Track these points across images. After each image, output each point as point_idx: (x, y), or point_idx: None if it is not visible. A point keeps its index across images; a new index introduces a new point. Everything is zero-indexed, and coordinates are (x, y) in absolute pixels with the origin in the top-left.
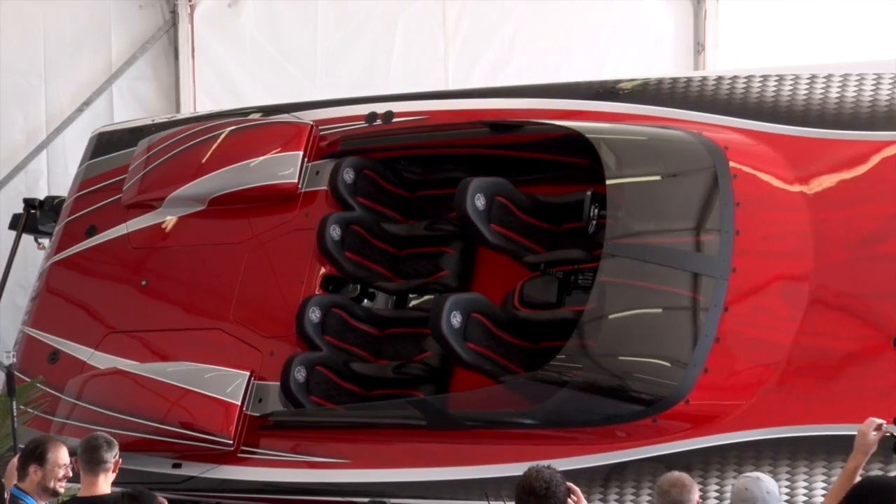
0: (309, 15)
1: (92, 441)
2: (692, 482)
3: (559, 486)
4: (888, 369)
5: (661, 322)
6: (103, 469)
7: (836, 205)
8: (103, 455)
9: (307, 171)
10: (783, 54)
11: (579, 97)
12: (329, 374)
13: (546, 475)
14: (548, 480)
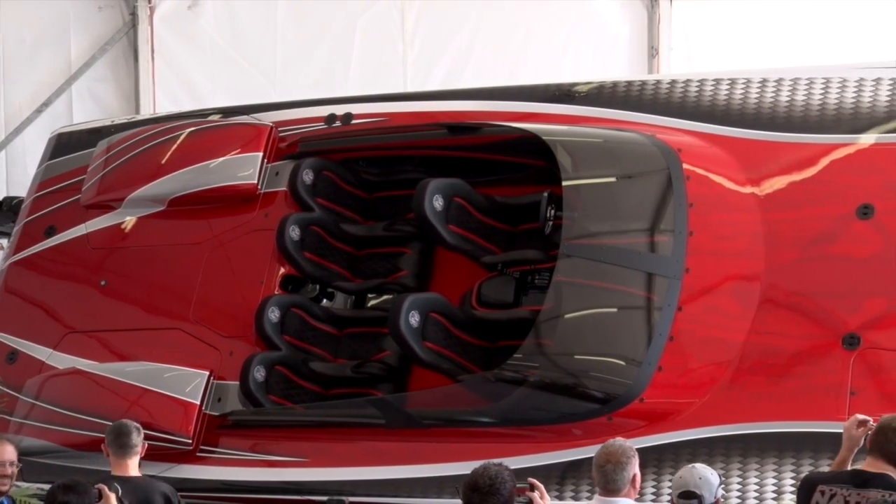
0: (269, 17)
1: (121, 427)
2: (627, 457)
3: (504, 483)
4: (837, 368)
5: (616, 321)
6: (133, 452)
7: (787, 206)
8: (133, 439)
9: (266, 171)
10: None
11: (536, 100)
12: (288, 374)
13: (492, 472)
14: (492, 478)
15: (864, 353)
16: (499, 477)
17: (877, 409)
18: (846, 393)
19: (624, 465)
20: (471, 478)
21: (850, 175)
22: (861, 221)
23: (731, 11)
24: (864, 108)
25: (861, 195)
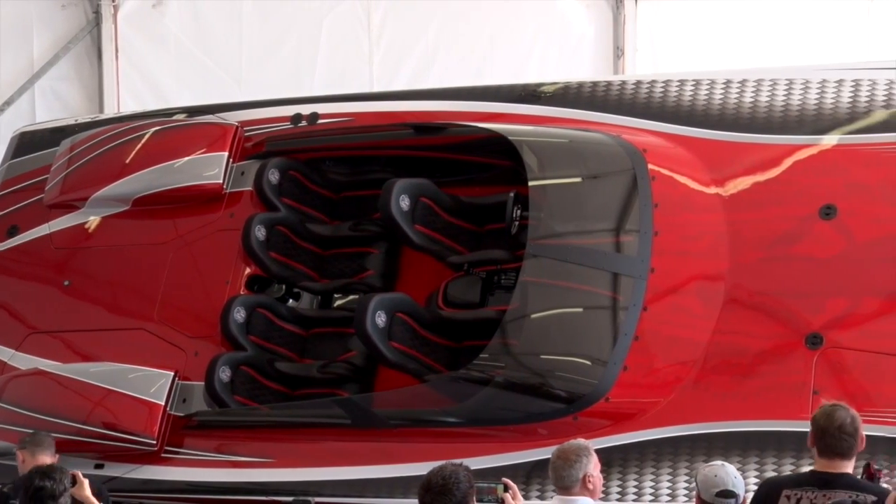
0: (234, 16)
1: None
2: (578, 455)
3: (458, 483)
4: (800, 367)
5: (581, 321)
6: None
7: (751, 206)
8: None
9: (232, 171)
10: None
11: (502, 100)
12: (254, 374)
13: (446, 472)
14: (445, 478)
15: (827, 352)
16: (452, 477)
17: None
18: (809, 392)
19: (573, 462)
20: (426, 477)
21: (814, 176)
22: (824, 222)
23: (696, 12)
24: (826, 109)
25: (824, 196)
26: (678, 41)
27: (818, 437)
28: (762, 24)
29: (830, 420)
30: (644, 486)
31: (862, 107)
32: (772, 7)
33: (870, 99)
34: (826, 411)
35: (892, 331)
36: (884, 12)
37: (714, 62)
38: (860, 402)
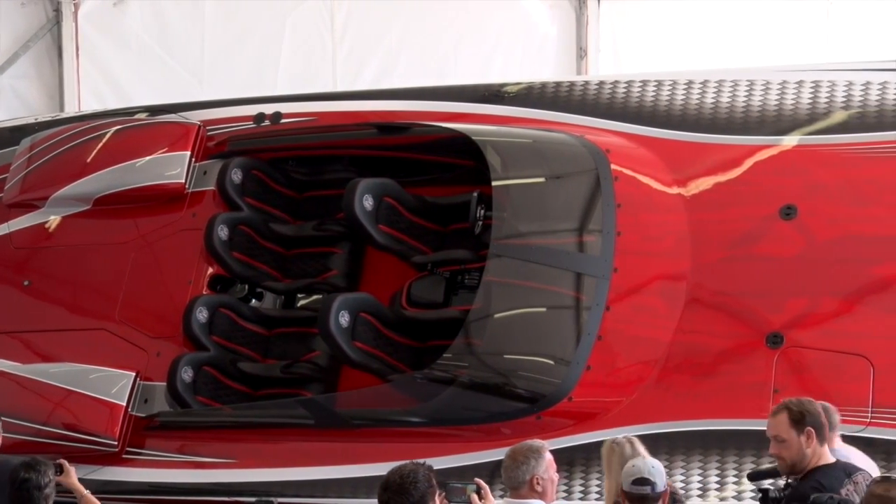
0: (196, 15)
1: None
2: (526, 456)
3: (417, 482)
4: (761, 366)
5: (545, 321)
6: None
7: (712, 206)
8: None
9: (194, 171)
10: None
11: (466, 100)
12: (216, 375)
13: (405, 471)
14: (404, 476)
15: (787, 351)
16: (410, 476)
17: None
18: (770, 391)
19: (520, 463)
20: (385, 476)
21: (774, 176)
22: (784, 222)
23: (658, 13)
24: (787, 109)
25: (784, 196)
26: (641, 42)
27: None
28: (723, 25)
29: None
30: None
31: (822, 108)
32: (733, 8)
33: (829, 100)
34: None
35: (852, 330)
36: (842, 14)
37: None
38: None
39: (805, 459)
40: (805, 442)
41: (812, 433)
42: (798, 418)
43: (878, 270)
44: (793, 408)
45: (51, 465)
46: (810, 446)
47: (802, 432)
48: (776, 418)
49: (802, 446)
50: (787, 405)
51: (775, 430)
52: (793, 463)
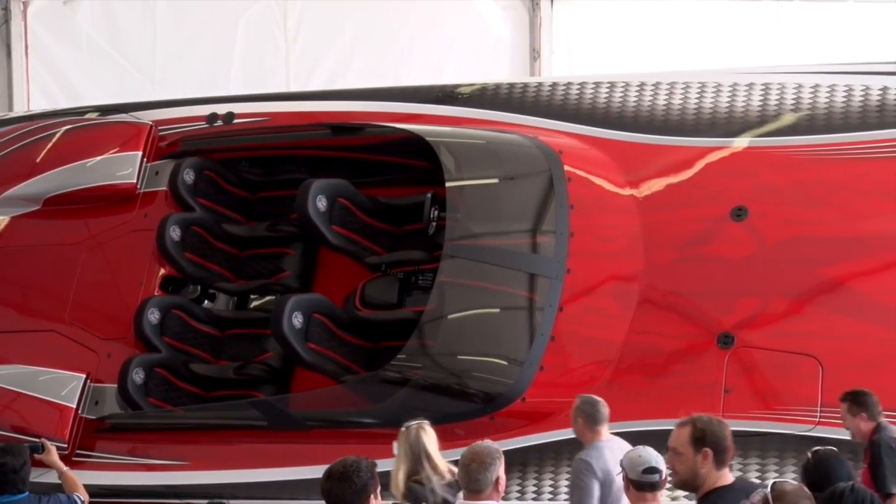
0: (147, 15)
1: None
2: (493, 458)
3: (360, 471)
4: (712, 366)
5: (498, 322)
6: None
7: (664, 208)
8: None
9: (146, 171)
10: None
11: (420, 101)
12: (168, 376)
13: (349, 461)
14: (347, 465)
15: (738, 351)
16: (353, 466)
17: (749, 406)
18: (721, 391)
19: (488, 465)
20: (328, 467)
21: (725, 178)
22: (735, 223)
23: (611, 15)
24: (737, 112)
25: (735, 197)
26: (593, 44)
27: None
28: (675, 27)
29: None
30: (559, 485)
31: (772, 110)
32: (685, 11)
33: (779, 102)
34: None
35: (802, 330)
36: (792, 17)
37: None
38: (770, 400)
39: (698, 478)
40: (700, 461)
41: (709, 454)
42: (699, 436)
43: (827, 271)
44: (698, 425)
45: (26, 448)
46: (705, 466)
47: (699, 451)
48: (679, 431)
49: (697, 464)
50: (693, 420)
51: (674, 442)
52: (684, 479)
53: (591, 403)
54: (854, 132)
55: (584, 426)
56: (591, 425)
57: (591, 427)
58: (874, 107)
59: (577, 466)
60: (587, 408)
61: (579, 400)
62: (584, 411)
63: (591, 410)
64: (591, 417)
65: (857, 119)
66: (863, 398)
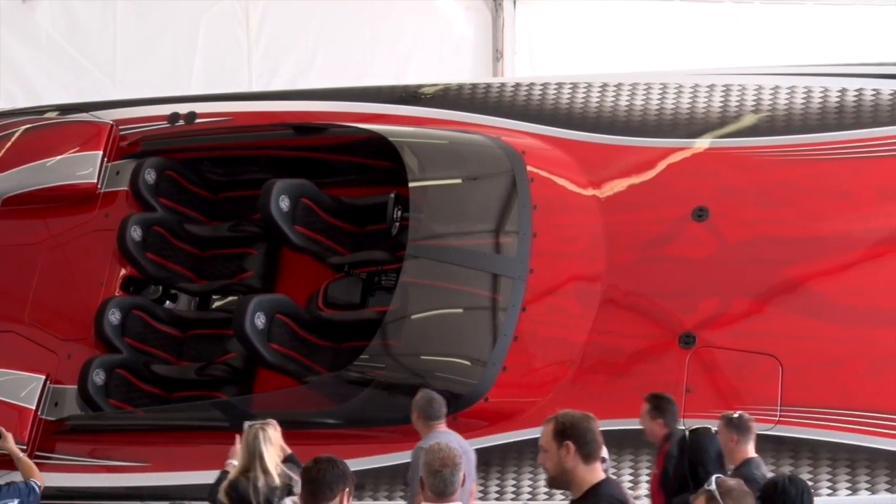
0: (108, 14)
1: None
2: (460, 458)
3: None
4: (674, 366)
5: (461, 322)
6: None
7: (626, 208)
8: None
9: (107, 171)
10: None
11: (383, 101)
12: (129, 377)
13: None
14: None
15: (699, 351)
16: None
17: (711, 405)
18: (682, 390)
19: (459, 466)
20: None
21: (686, 178)
22: (696, 223)
23: (573, 16)
24: (699, 113)
25: (696, 198)
26: (556, 44)
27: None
28: (637, 29)
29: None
30: (522, 484)
31: (732, 111)
32: (647, 13)
33: (740, 104)
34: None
35: (762, 330)
36: (752, 19)
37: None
38: (731, 399)
39: (566, 473)
40: (564, 455)
41: (571, 448)
42: (560, 430)
43: (787, 271)
44: (560, 419)
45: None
46: (570, 461)
47: (562, 445)
48: (545, 427)
49: (562, 459)
50: (555, 416)
51: (541, 439)
52: (553, 475)
53: (428, 400)
54: (813, 133)
55: (419, 420)
56: (426, 420)
57: (425, 422)
58: (833, 108)
59: (415, 454)
60: (423, 403)
61: (418, 395)
62: (420, 406)
63: (426, 406)
64: (425, 413)
65: (817, 121)
66: (665, 405)
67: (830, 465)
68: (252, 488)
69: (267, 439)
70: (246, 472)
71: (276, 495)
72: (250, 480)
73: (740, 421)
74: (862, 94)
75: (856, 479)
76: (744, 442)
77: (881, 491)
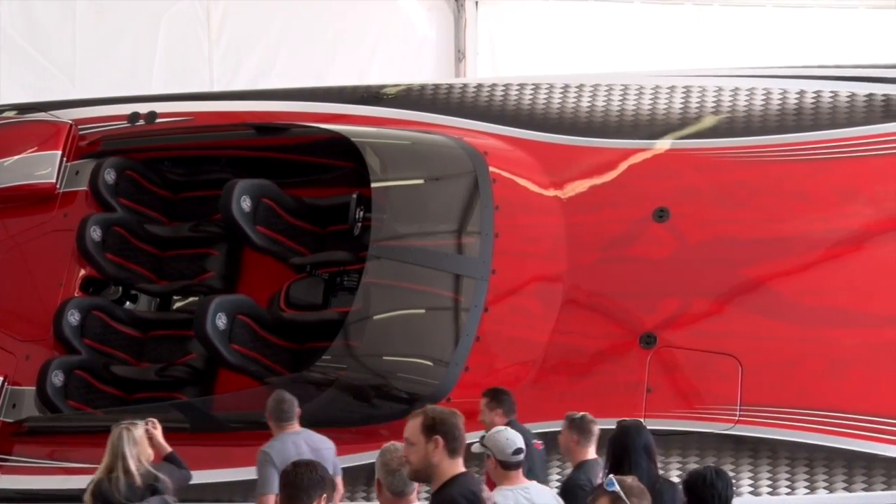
0: (67, 13)
1: None
2: None
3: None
4: (635, 366)
5: (424, 322)
6: None
7: (588, 208)
8: None
9: (66, 170)
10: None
11: (344, 101)
12: (88, 378)
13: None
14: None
15: (660, 351)
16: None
17: (671, 405)
18: (643, 390)
19: None
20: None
21: (647, 179)
22: (657, 224)
23: (535, 17)
24: (659, 114)
25: (657, 199)
26: (518, 45)
27: None
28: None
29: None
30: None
31: (693, 113)
32: (608, 14)
33: (700, 105)
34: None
35: (722, 330)
36: (712, 22)
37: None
38: (691, 399)
39: (431, 467)
40: (432, 450)
41: (440, 442)
42: (430, 424)
43: (747, 272)
44: (429, 414)
45: None
46: (437, 455)
47: (431, 439)
48: (412, 421)
49: (429, 453)
50: (424, 411)
51: (407, 432)
52: (417, 469)
53: (278, 402)
54: (773, 135)
55: (270, 422)
56: (276, 422)
57: (276, 424)
58: (792, 110)
59: (259, 458)
60: (272, 405)
61: (270, 397)
62: (269, 408)
63: (275, 408)
64: (275, 415)
65: (776, 122)
66: (501, 396)
67: (789, 464)
68: (114, 488)
69: (131, 440)
70: (110, 472)
71: (138, 495)
72: (112, 481)
73: (582, 422)
74: (820, 97)
75: (814, 478)
76: (584, 443)
77: (839, 490)
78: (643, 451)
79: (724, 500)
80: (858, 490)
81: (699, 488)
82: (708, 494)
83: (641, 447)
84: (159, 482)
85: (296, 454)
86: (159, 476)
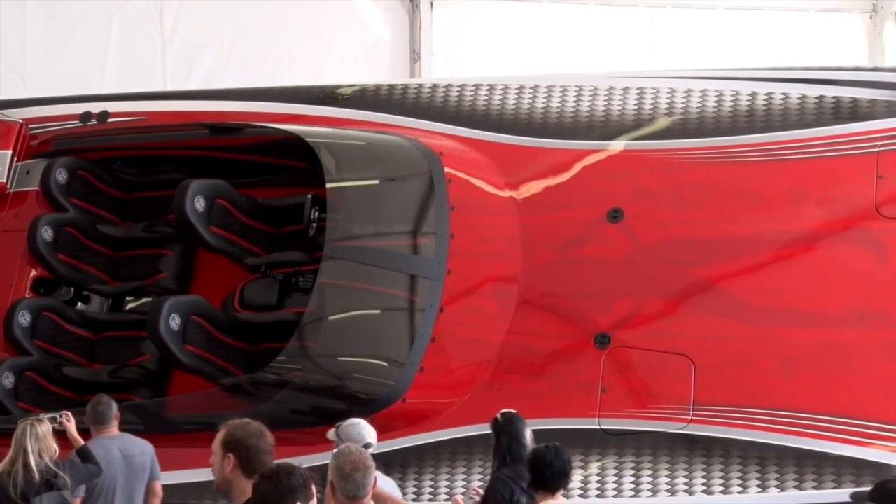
0: (17, 12)
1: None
2: (370, 461)
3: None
4: (589, 366)
5: (379, 323)
6: None
7: (543, 209)
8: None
9: (16, 170)
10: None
11: (299, 101)
12: (39, 380)
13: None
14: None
15: (614, 351)
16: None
17: (625, 405)
18: (597, 390)
19: (371, 468)
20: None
21: (602, 180)
22: (611, 225)
23: (490, 18)
24: (613, 115)
25: (611, 199)
26: (473, 46)
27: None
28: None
29: None
30: (439, 485)
31: (646, 114)
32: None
33: (654, 106)
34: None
35: (675, 330)
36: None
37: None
38: (645, 399)
39: (227, 484)
40: (226, 466)
41: (232, 460)
42: (227, 441)
43: (700, 272)
44: (229, 429)
45: None
46: (230, 472)
47: (225, 456)
48: (218, 432)
49: (224, 468)
50: (228, 425)
51: (213, 443)
52: (217, 482)
53: (94, 405)
54: (725, 137)
55: (89, 424)
56: (94, 426)
57: (94, 427)
58: (744, 112)
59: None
60: (90, 409)
61: (89, 403)
62: (87, 412)
63: (91, 412)
64: (92, 418)
65: (728, 124)
66: None
67: (741, 462)
68: (11, 483)
69: (34, 435)
70: (12, 466)
71: (34, 490)
72: (11, 475)
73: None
74: (772, 99)
75: (765, 477)
76: None
77: (790, 488)
78: (529, 436)
79: (561, 475)
80: (809, 489)
81: (539, 467)
82: (548, 474)
83: (527, 432)
84: (58, 478)
85: (105, 459)
86: (58, 473)
